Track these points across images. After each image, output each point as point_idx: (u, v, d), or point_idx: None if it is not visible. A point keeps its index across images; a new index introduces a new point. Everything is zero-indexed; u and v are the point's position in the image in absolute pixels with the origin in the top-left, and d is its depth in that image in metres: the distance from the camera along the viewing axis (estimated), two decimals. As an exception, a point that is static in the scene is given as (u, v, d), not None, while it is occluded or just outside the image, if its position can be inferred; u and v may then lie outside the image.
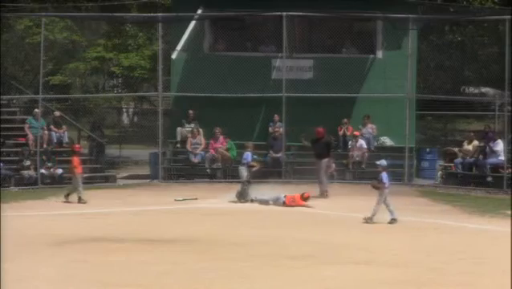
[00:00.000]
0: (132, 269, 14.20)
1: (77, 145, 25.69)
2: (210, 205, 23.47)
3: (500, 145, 27.87)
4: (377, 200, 19.69)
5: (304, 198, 23.02)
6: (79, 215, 21.33)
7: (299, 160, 29.66)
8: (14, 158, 28.73)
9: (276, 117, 29.62)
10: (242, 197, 23.65)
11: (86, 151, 31.97)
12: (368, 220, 19.56)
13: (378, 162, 20.50)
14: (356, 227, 19.36)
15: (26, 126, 29.40)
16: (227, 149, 29.08)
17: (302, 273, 13.99)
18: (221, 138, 29.39)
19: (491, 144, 27.94)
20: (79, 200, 23.56)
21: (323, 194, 25.16)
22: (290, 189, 24.42)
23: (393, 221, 19.55)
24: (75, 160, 24.26)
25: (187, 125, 30.25)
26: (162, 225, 19.63)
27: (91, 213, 21.60)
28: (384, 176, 19.86)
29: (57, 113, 30.93)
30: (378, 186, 19.86)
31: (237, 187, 24.10)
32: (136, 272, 13.93)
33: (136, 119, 49.40)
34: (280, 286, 13.18)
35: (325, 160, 25.69)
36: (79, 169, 24.18)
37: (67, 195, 23.68)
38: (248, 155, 24.36)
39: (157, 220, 20.64)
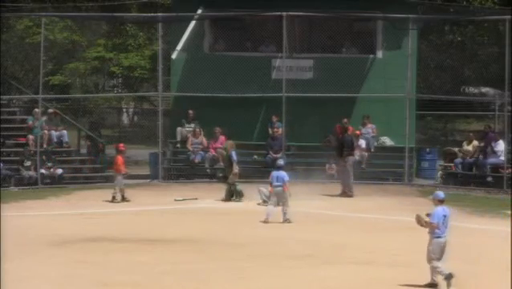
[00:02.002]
0: (132, 269, 14.21)
1: (121, 144, 25.67)
2: (210, 205, 23.48)
3: (501, 146, 27.87)
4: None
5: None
6: (79, 215, 21.34)
7: (299, 160, 29.65)
8: (14, 158, 28.72)
9: (274, 118, 29.59)
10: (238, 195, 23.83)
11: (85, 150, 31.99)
12: (266, 220, 19.88)
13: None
14: (356, 227, 19.38)
15: (30, 124, 29.39)
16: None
17: (302, 273, 14.01)
18: (222, 138, 29.38)
19: (492, 144, 27.94)
20: (123, 198, 23.66)
21: (348, 193, 25.31)
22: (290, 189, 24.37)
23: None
24: (119, 159, 24.33)
25: (187, 125, 30.24)
26: (162, 225, 19.64)
27: (91, 213, 21.61)
28: (275, 175, 20.42)
29: (51, 110, 30.91)
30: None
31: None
32: (136, 272, 13.94)
33: (136, 119, 49.37)
34: (280, 287, 13.20)
35: (351, 158, 25.83)
36: (122, 168, 24.20)
37: (114, 197, 23.78)
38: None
39: (157, 220, 20.64)
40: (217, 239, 17.44)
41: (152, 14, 34.17)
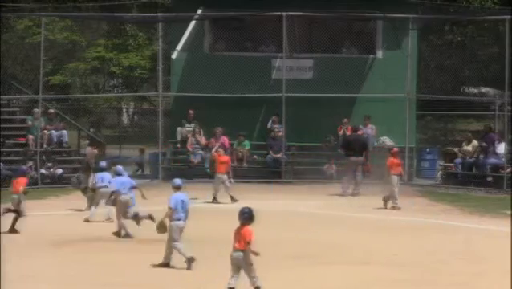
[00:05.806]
0: (132, 269, 14.21)
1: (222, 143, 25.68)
2: (210, 205, 23.46)
3: (503, 148, 27.87)
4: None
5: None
6: (79, 215, 21.32)
7: (299, 160, 29.67)
8: (14, 158, 28.71)
9: (275, 118, 29.58)
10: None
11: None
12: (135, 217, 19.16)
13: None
14: (356, 227, 19.38)
15: (29, 123, 29.38)
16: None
17: (303, 273, 14.01)
18: (224, 138, 29.35)
19: (495, 145, 27.95)
20: (232, 199, 23.49)
21: (355, 192, 25.33)
22: (290, 189, 24.40)
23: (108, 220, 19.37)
24: (222, 158, 24.33)
25: (187, 125, 30.24)
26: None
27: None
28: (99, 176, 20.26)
29: (51, 110, 30.93)
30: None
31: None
32: (136, 272, 13.94)
33: (136, 119, 49.41)
34: (279, 287, 13.19)
35: (361, 158, 25.88)
36: (221, 169, 24.07)
37: (215, 198, 23.81)
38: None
39: (157, 220, 20.57)
40: (216, 239, 17.40)
41: (152, 14, 34.19)
